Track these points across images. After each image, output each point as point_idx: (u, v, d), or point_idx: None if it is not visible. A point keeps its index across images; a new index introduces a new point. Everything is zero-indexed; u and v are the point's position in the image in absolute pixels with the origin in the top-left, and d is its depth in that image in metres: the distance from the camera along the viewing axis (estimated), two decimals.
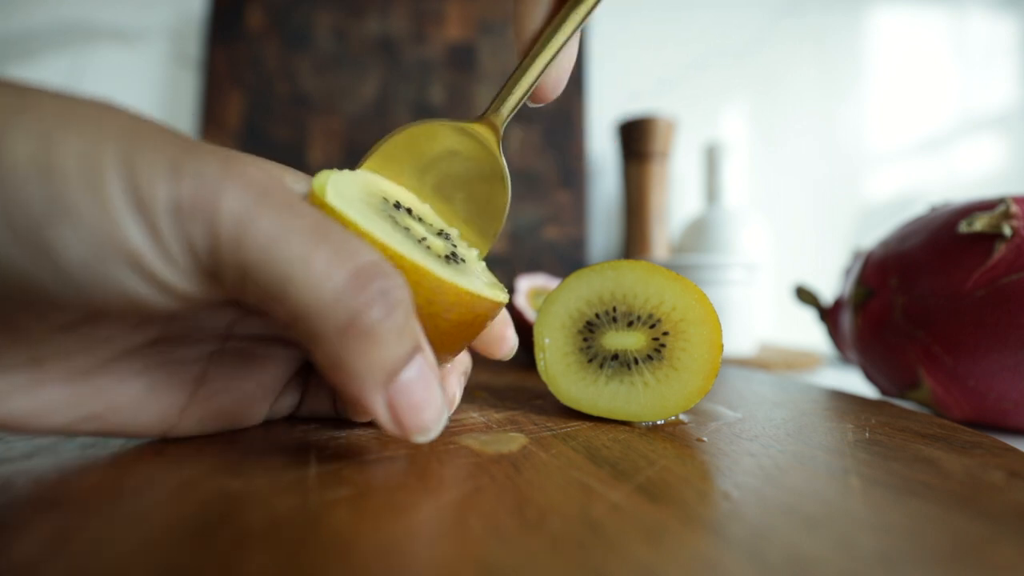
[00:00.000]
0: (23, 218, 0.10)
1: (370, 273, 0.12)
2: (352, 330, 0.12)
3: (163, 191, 0.11)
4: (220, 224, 0.11)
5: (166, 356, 0.15)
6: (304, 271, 0.11)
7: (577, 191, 0.63)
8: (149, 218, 0.11)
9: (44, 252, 0.10)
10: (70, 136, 0.10)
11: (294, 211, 0.12)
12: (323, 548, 0.09)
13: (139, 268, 0.11)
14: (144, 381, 0.14)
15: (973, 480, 0.14)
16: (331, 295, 0.11)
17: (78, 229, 0.10)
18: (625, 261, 0.20)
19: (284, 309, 0.12)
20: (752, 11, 0.74)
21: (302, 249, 0.11)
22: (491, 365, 0.34)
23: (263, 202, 0.11)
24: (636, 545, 0.10)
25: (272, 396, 0.17)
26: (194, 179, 0.11)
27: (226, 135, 0.61)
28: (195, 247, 0.11)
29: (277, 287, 0.11)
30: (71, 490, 0.12)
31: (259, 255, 0.11)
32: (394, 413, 0.13)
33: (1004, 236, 0.23)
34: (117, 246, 0.11)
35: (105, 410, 0.14)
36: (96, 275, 0.11)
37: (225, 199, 0.11)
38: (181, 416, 0.15)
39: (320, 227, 0.12)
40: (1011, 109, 0.76)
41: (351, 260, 0.12)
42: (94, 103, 0.11)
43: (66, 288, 0.11)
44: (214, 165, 0.11)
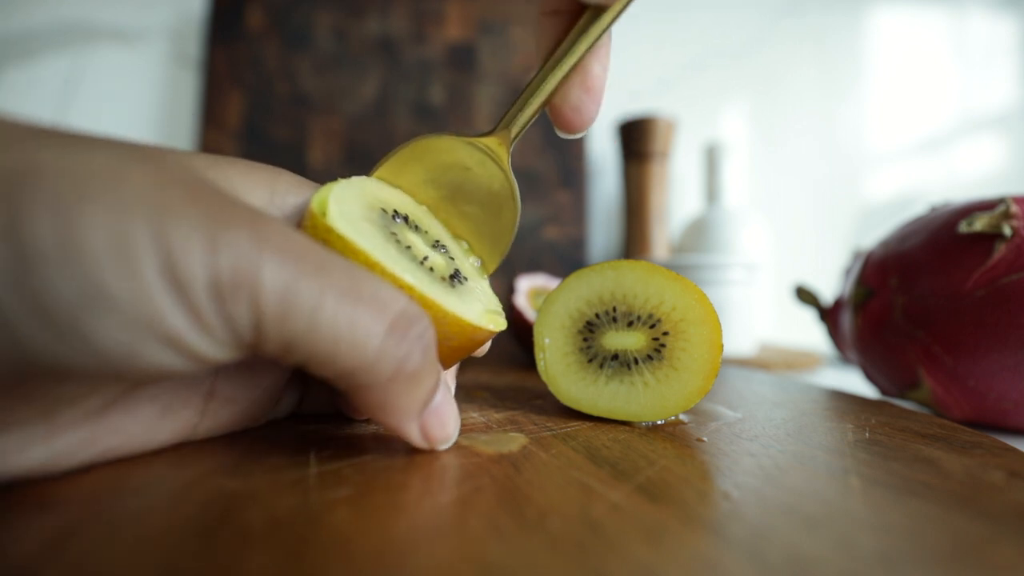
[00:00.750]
0: (57, 307, 0.09)
1: (405, 322, 0.13)
2: (398, 377, 0.13)
3: (200, 269, 0.10)
4: (263, 300, 0.11)
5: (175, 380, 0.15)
6: (350, 334, 0.12)
7: (577, 191, 0.63)
8: (188, 298, 0.10)
9: (81, 339, 0.10)
10: (95, 211, 0.09)
11: (328, 273, 0.12)
12: (323, 548, 0.09)
13: (179, 346, 0.11)
14: (156, 406, 0.14)
15: (973, 480, 0.14)
16: (375, 351, 0.12)
17: (116, 315, 0.10)
18: (625, 261, 0.20)
19: (331, 369, 0.12)
20: (752, 11, 0.74)
21: (344, 314, 0.12)
22: (491, 365, 0.34)
23: (301, 271, 0.11)
24: (636, 545, 0.10)
25: (275, 397, 0.17)
26: (232, 253, 0.11)
27: (226, 135, 0.61)
28: (238, 324, 0.11)
29: (325, 353, 0.12)
30: (71, 490, 0.12)
31: (305, 327, 0.11)
32: (426, 434, 0.14)
33: (1004, 236, 0.23)
34: (156, 329, 0.10)
35: (121, 442, 0.13)
36: (133, 355, 0.10)
37: (266, 274, 0.11)
38: (194, 431, 0.15)
39: (355, 285, 0.12)
40: (1011, 109, 0.76)
41: (387, 313, 0.12)
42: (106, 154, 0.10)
43: (100, 368, 0.10)
44: (246, 233, 0.11)
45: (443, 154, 0.19)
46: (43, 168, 0.10)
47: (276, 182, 0.16)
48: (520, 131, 0.19)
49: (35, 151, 0.10)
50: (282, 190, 0.16)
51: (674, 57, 0.73)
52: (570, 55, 0.18)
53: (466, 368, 0.32)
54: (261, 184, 0.15)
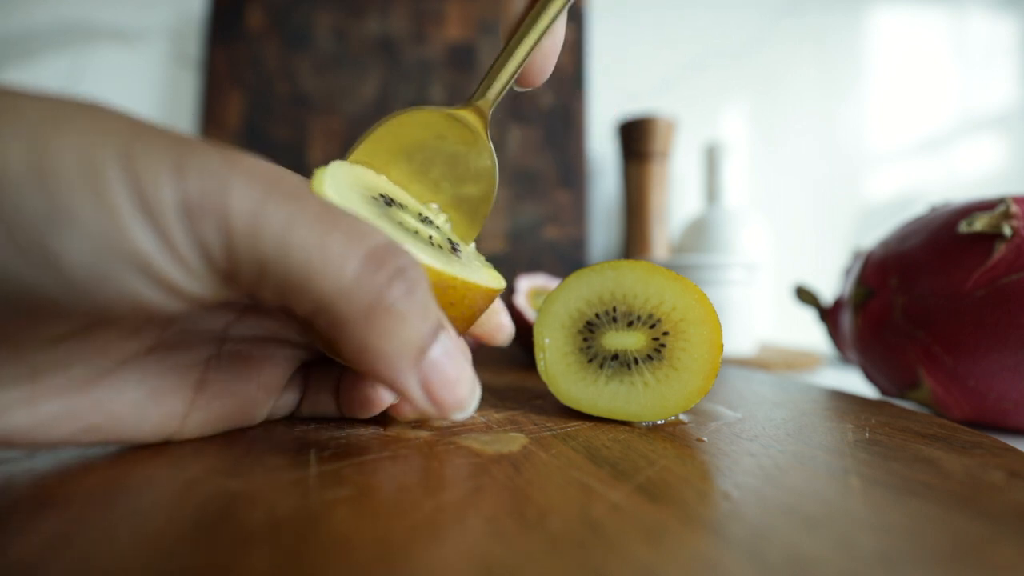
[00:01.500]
0: (24, 226, 0.10)
1: (385, 252, 0.12)
2: (377, 309, 0.12)
3: (169, 191, 0.10)
4: (232, 220, 0.11)
5: (163, 363, 0.15)
6: (321, 257, 0.11)
7: (577, 191, 0.63)
8: (157, 220, 0.10)
9: (49, 260, 0.10)
10: (65, 138, 0.10)
11: (302, 200, 0.12)
12: (323, 548, 0.09)
13: (149, 272, 0.11)
14: (143, 389, 0.14)
15: (973, 480, 0.14)
16: (351, 277, 0.11)
17: (83, 235, 0.10)
18: (625, 261, 0.20)
19: (306, 299, 0.12)
20: (752, 11, 0.74)
21: (317, 235, 0.11)
22: (491, 365, 0.34)
23: (272, 193, 0.11)
24: (636, 545, 0.10)
25: (273, 397, 0.17)
26: (200, 176, 0.11)
27: (226, 135, 0.61)
28: (208, 247, 0.11)
29: (297, 276, 0.11)
30: (71, 490, 0.12)
31: (275, 247, 0.11)
32: (429, 391, 0.13)
33: (1004, 236, 0.23)
34: (125, 250, 0.10)
35: (105, 420, 0.13)
36: (104, 281, 0.10)
37: (234, 194, 0.11)
38: (183, 423, 0.15)
39: (329, 213, 0.12)
40: (1011, 109, 0.76)
41: (366, 241, 0.12)
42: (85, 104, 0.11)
43: (72, 295, 0.10)
44: (217, 160, 0.11)
45: (421, 127, 0.19)
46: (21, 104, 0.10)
47: None
48: (496, 97, 0.19)
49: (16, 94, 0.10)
50: None
51: (674, 57, 0.73)
52: (541, 20, 0.19)
53: None
54: None
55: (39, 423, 0.12)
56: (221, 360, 0.16)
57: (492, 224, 0.62)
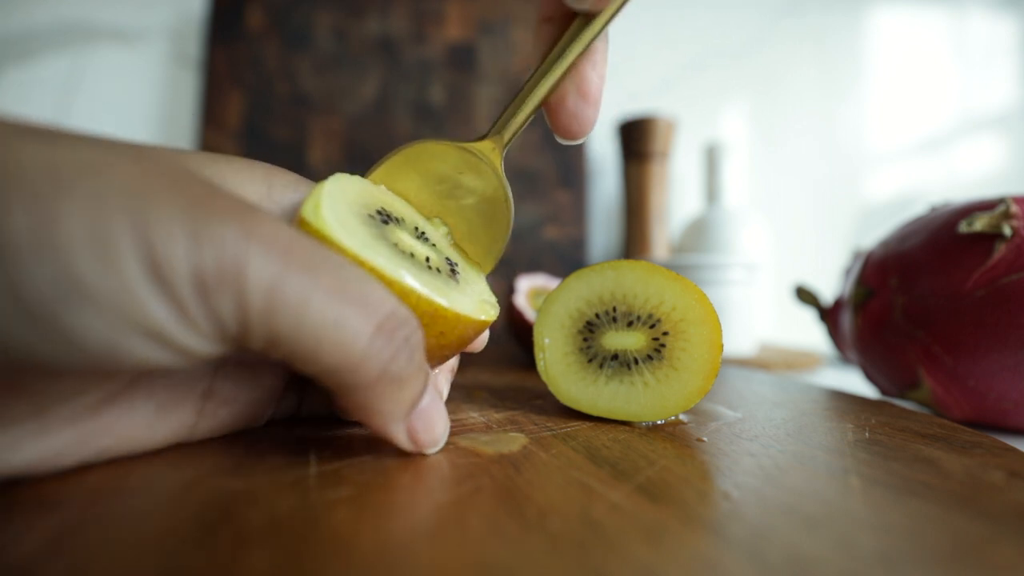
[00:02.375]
0: (36, 300, 0.09)
1: (393, 323, 0.13)
2: (383, 379, 0.13)
3: (183, 262, 0.10)
4: (249, 295, 0.11)
5: (171, 377, 0.14)
6: (335, 335, 0.12)
7: (577, 191, 0.63)
8: (171, 291, 0.10)
9: (61, 334, 0.09)
10: (73, 203, 0.09)
11: (317, 271, 0.12)
12: (323, 548, 0.09)
13: (162, 340, 0.10)
14: (152, 406, 0.14)
15: (973, 480, 0.14)
16: (361, 352, 0.12)
17: (96, 309, 0.10)
18: (625, 261, 0.20)
19: (315, 367, 0.12)
20: (752, 11, 0.74)
21: (331, 312, 0.11)
22: (491, 365, 0.34)
23: (288, 266, 0.11)
24: (636, 545, 0.10)
25: (275, 398, 0.17)
26: (215, 246, 0.10)
27: (226, 135, 0.61)
28: (223, 318, 0.11)
29: (309, 351, 0.12)
30: (71, 490, 0.12)
31: (291, 323, 0.11)
32: (413, 436, 0.14)
33: (1004, 236, 0.23)
34: (138, 322, 0.10)
35: (116, 442, 0.13)
36: (115, 350, 0.10)
37: (252, 268, 0.11)
38: (192, 432, 0.15)
39: (342, 283, 0.12)
40: (1011, 109, 0.76)
41: (375, 314, 0.12)
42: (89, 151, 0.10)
43: (83, 363, 0.10)
44: (233, 229, 0.11)
45: (436, 159, 0.19)
46: (22, 162, 0.09)
47: (272, 179, 0.15)
48: (513, 135, 0.19)
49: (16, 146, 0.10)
50: (279, 187, 0.15)
51: (674, 57, 0.73)
52: (562, 60, 0.18)
53: (466, 368, 0.32)
54: (257, 180, 0.15)
55: (49, 454, 0.12)
56: (226, 368, 0.16)
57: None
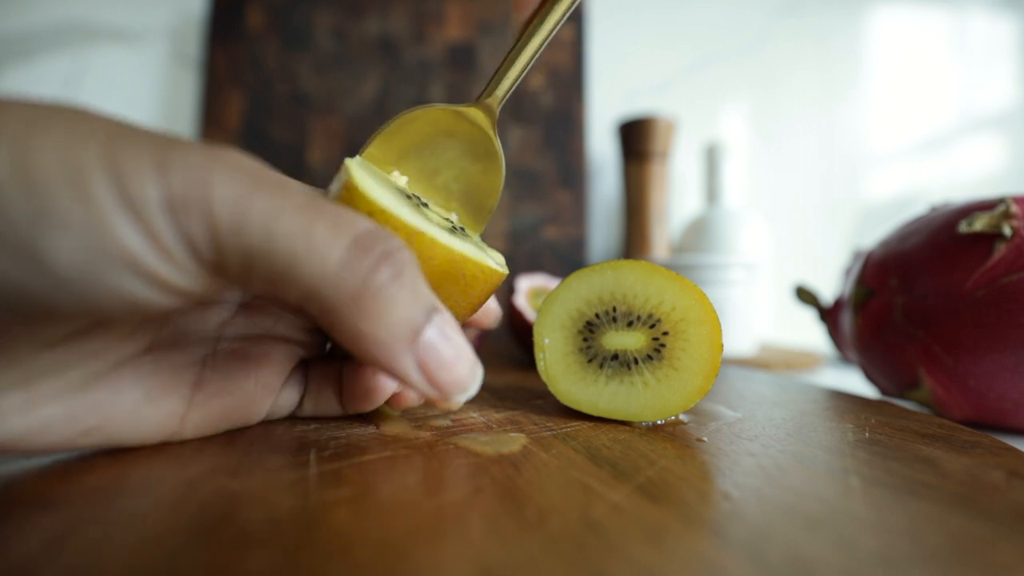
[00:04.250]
0: (12, 230, 0.10)
1: (371, 238, 0.12)
2: (365, 294, 0.12)
3: (152, 188, 0.10)
4: (216, 213, 0.11)
5: (160, 363, 0.15)
6: (307, 244, 0.11)
7: (577, 191, 0.63)
8: (142, 217, 0.10)
9: (38, 262, 0.10)
10: (47, 141, 0.10)
11: (286, 190, 0.12)
12: (323, 548, 0.09)
13: (138, 269, 0.11)
14: (140, 390, 0.14)
15: (973, 480, 0.14)
16: (336, 264, 0.12)
17: (70, 236, 0.10)
18: (625, 261, 0.20)
19: (294, 288, 0.12)
20: (752, 11, 0.74)
21: (301, 224, 0.11)
22: (491, 365, 0.34)
23: (256, 185, 0.11)
24: (636, 545, 0.10)
25: (272, 394, 0.17)
26: (182, 172, 0.11)
27: (226, 135, 0.61)
28: (194, 241, 0.11)
29: (284, 265, 0.11)
30: (71, 490, 0.12)
31: (260, 237, 0.11)
32: (427, 374, 0.13)
33: (1004, 236, 0.23)
34: (112, 250, 0.10)
35: (103, 423, 0.13)
36: (94, 281, 0.10)
37: (217, 187, 0.11)
38: (182, 422, 0.15)
39: (313, 203, 0.12)
40: (1011, 109, 0.76)
41: (350, 228, 0.12)
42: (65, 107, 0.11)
43: (64, 295, 0.10)
44: (199, 155, 0.11)
45: (429, 124, 0.20)
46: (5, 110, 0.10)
47: None
48: (504, 95, 0.20)
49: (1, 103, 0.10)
50: None
51: (674, 57, 0.73)
52: (549, 19, 0.19)
53: None
54: None
55: (36, 428, 0.12)
56: (217, 358, 0.16)
57: (492, 224, 0.62)
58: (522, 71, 0.20)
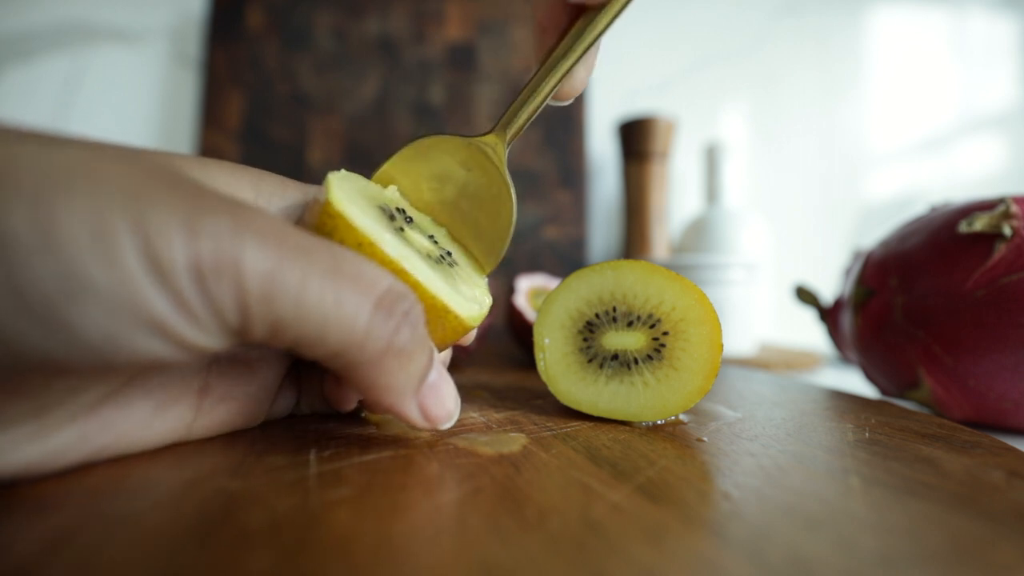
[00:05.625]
0: (40, 297, 0.09)
1: (392, 298, 0.13)
2: (388, 354, 0.13)
3: (181, 255, 0.10)
4: (247, 283, 0.11)
5: (167, 375, 0.15)
6: (336, 314, 0.12)
7: (577, 191, 0.63)
8: (170, 284, 0.10)
9: (64, 329, 0.10)
10: (72, 200, 0.09)
11: (311, 254, 0.12)
12: (323, 548, 0.09)
13: (163, 332, 0.11)
14: (150, 404, 0.14)
15: (973, 480, 0.14)
16: (363, 328, 0.12)
17: (98, 303, 0.10)
18: (625, 261, 0.20)
19: (321, 350, 0.12)
20: (752, 11, 0.74)
21: (329, 292, 0.12)
22: (491, 365, 0.34)
23: (283, 252, 0.11)
24: (636, 545, 0.10)
25: (271, 396, 0.17)
26: (212, 238, 0.10)
27: (226, 135, 0.61)
28: (222, 308, 0.11)
29: (313, 333, 0.12)
30: (71, 490, 0.12)
31: (291, 308, 0.11)
32: (424, 411, 0.15)
33: (1004, 236, 0.23)
34: (140, 315, 0.10)
35: (115, 439, 0.13)
36: (118, 344, 0.10)
37: (248, 257, 0.11)
38: (190, 429, 0.15)
39: (336, 264, 0.12)
40: (1011, 109, 0.76)
41: (373, 290, 0.13)
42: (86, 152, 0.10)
43: (86, 359, 0.10)
44: (227, 220, 0.11)
45: (445, 155, 0.19)
46: (20, 162, 0.10)
47: (261, 183, 0.16)
48: (517, 132, 0.19)
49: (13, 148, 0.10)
50: (267, 191, 0.16)
51: (674, 57, 0.73)
52: (567, 58, 0.18)
53: (466, 368, 0.32)
54: (245, 185, 0.15)
55: (50, 454, 0.12)
56: (221, 365, 0.16)
57: None
58: (539, 107, 0.19)
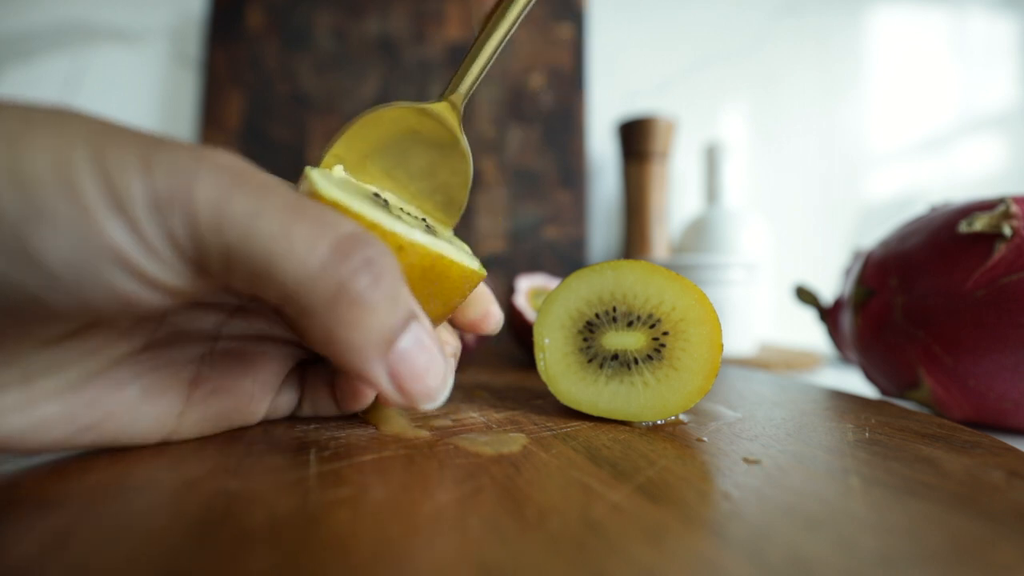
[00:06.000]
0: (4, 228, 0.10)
1: (352, 242, 0.12)
2: (342, 299, 0.12)
3: (138, 186, 0.11)
4: (198, 211, 0.11)
5: (157, 361, 0.15)
6: (286, 245, 0.11)
7: (577, 191, 0.63)
8: (128, 214, 0.11)
9: (28, 257, 0.10)
10: (36, 140, 0.10)
11: (268, 190, 0.12)
12: (323, 548, 0.09)
13: (125, 265, 0.11)
14: (137, 387, 0.14)
15: (973, 480, 0.14)
16: (316, 267, 0.11)
17: (59, 232, 0.10)
18: (625, 261, 0.20)
19: (273, 288, 0.12)
20: (752, 11, 0.74)
21: (281, 225, 0.11)
22: (491, 365, 0.34)
23: (237, 184, 0.11)
24: (636, 545, 0.10)
25: (269, 394, 0.17)
26: (167, 170, 0.11)
27: (226, 135, 0.61)
28: (176, 237, 0.11)
29: (262, 265, 0.11)
30: (71, 490, 0.12)
31: (239, 236, 0.11)
32: (397, 382, 0.13)
33: (1004, 236, 0.23)
34: (100, 246, 0.10)
35: (101, 420, 0.13)
36: (83, 276, 0.11)
37: (200, 185, 0.11)
38: (179, 420, 0.15)
39: (296, 203, 0.12)
40: (1011, 109, 0.76)
41: (332, 231, 0.12)
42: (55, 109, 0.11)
43: (56, 292, 0.11)
44: (185, 155, 0.11)
45: (392, 123, 0.19)
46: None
47: None
48: (468, 92, 0.20)
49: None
50: None
51: (674, 57, 0.73)
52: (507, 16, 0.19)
53: (466, 368, 0.32)
54: None
55: (34, 426, 0.12)
56: (215, 357, 0.16)
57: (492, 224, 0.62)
58: (484, 66, 0.20)
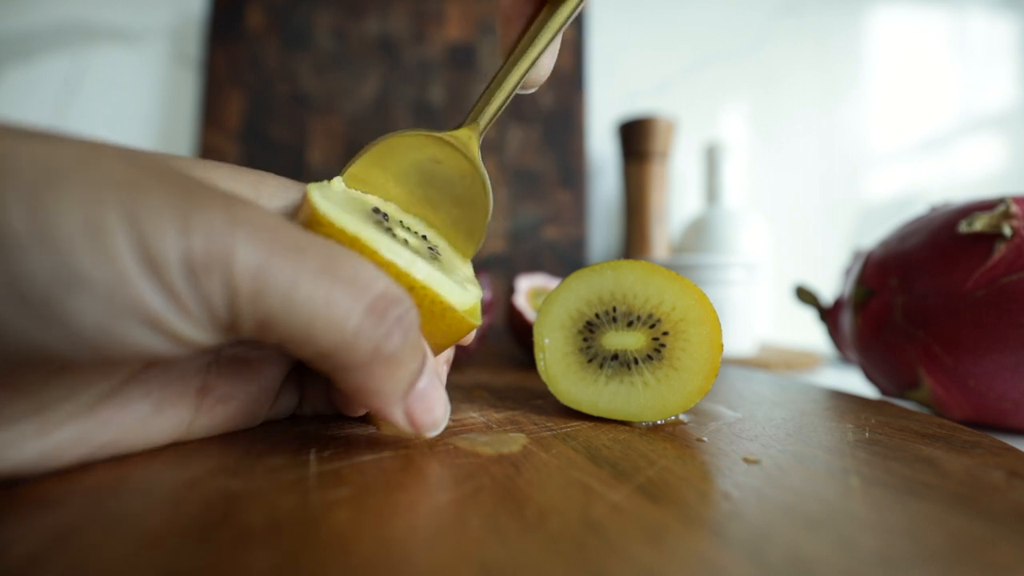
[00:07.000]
0: (35, 290, 0.09)
1: (385, 303, 0.13)
2: (377, 359, 0.13)
3: (173, 248, 0.10)
4: (237, 278, 0.11)
5: (166, 375, 0.15)
6: (326, 314, 0.12)
7: (577, 191, 0.63)
8: (163, 278, 0.10)
9: (59, 322, 0.10)
10: (67, 195, 0.10)
11: (304, 252, 0.12)
12: (323, 548, 0.09)
13: (156, 326, 0.11)
14: (148, 403, 0.14)
15: (973, 480, 0.14)
16: (352, 331, 0.12)
17: (92, 296, 0.10)
18: (625, 261, 0.20)
19: (309, 350, 0.12)
20: (752, 11, 0.74)
21: (320, 292, 0.12)
22: (491, 365, 0.34)
23: (275, 250, 0.11)
24: (636, 545, 0.10)
25: (272, 396, 0.17)
26: (204, 233, 0.11)
27: (226, 135, 0.61)
28: (213, 303, 0.11)
29: (301, 332, 0.12)
30: (71, 490, 0.12)
31: (280, 305, 0.11)
32: (411, 417, 0.14)
33: (1004, 236, 0.23)
34: (133, 309, 0.10)
35: (115, 438, 0.13)
36: (112, 337, 0.10)
37: (239, 251, 0.11)
38: (190, 428, 0.15)
39: (331, 263, 0.12)
40: (1011, 109, 0.76)
41: (366, 294, 0.12)
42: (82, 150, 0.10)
43: (81, 351, 0.10)
44: (220, 215, 0.11)
45: (412, 151, 0.19)
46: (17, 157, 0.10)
47: (261, 184, 0.16)
48: (488, 123, 0.19)
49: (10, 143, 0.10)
50: (267, 192, 0.16)
51: (674, 57, 0.73)
52: (532, 48, 0.19)
53: (466, 368, 0.32)
54: (246, 185, 0.15)
55: (49, 452, 0.12)
56: (221, 365, 0.16)
57: (492, 224, 0.62)
58: (507, 98, 0.19)
